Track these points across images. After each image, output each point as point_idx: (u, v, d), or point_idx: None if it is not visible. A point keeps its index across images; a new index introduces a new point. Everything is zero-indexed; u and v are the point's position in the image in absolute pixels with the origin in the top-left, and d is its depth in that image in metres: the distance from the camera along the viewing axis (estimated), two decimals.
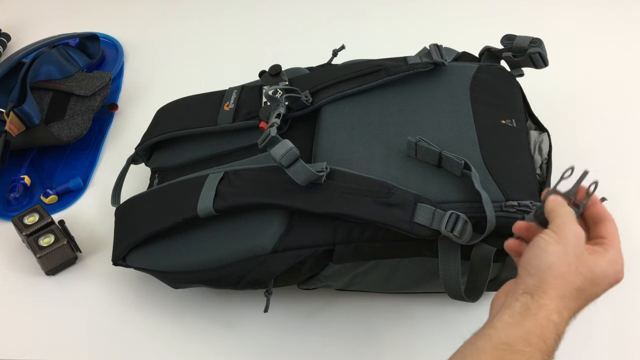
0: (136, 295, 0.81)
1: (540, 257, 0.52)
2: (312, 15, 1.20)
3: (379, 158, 0.71)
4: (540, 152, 0.72)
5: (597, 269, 0.52)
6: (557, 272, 0.51)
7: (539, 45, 0.78)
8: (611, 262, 0.53)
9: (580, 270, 0.52)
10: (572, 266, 0.52)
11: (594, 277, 0.52)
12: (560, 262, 0.51)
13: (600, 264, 0.53)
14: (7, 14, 1.23)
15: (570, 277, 0.52)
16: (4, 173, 0.94)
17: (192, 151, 0.84)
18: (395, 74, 0.78)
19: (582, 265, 0.52)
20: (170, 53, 1.14)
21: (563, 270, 0.51)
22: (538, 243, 0.53)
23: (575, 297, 0.52)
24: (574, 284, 0.52)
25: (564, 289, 0.51)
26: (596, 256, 0.53)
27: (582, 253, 0.53)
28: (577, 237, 0.53)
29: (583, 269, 0.52)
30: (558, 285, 0.51)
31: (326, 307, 0.79)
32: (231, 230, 0.71)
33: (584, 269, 0.52)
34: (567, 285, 0.51)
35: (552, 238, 0.53)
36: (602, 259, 0.53)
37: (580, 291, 0.52)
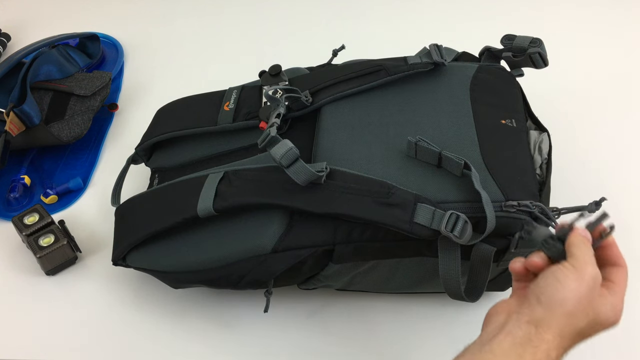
0: (136, 295, 0.81)
1: (556, 288, 0.52)
2: (312, 15, 1.20)
3: (378, 158, 0.71)
4: (540, 152, 0.72)
5: (601, 313, 0.52)
6: (567, 309, 0.51)
7: (539, 45, 0.78)
8: (613, 306, 0.53)
9: (587, 312, 0.52)
10: (581, 307, 0.51)
11: (597, 319, 0.52)
12: (573, 300, 0.51)
13: (605, 308, 0.53)
14: (7, 14, 1.23)
15: (577, 318, 0.52)
16: (4, 173, 0.94)
17: (192, 151, 0.84)
18: (395, 74, 0.78)
19: (590, 308, 0.52)
20: (170, 53, 1.14)
21: (573, 309, 0.51)
22: (556, 274, 0.52)
23: (574, 337, 0.52)
24: (577, 325, 0.52)
25: (567, 328, 0.51)
26: (603, 299, 0.53)
27: (595, 297, 0.52)
28: (595, 280, 0.52)
29: (590, 311, 0.52)
30: (563, 323, 0.51)
31: (326, 307, 0.79)
32: (231, 230, 0.71)
33: (591, 312, 0.52)
34: (572, 325, 0.51)
35: (573, 274, 0.52)
36: (607, 303, 0.53)
37: (580, 333, 0.52)
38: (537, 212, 0.64)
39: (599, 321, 0.52)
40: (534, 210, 0.64)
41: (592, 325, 0.52)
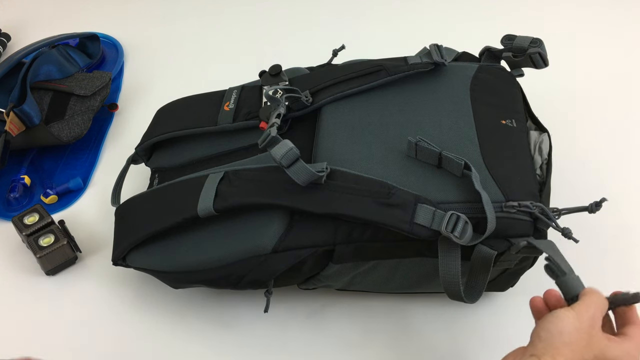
0: (136, 295, 0.81)
1: (554, 322, 0.55)
2: (312, 15, 1.20)
3: (379, 158, 0.71)
4: (540, 153, 0.72)
5: (610, 353, 0.54)
6: (567, 339, 0.53)
7: (539, 45, 0.78)
8: (628, 353, 0.55)
9: (591, 347, 0.54)
10: (583, 341, 0.54)
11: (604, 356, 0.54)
12: (572, 332, 0.54)
13: (614, 349, 0.55)
14: (7, 14, 1.23)
15: (580, 350, 0.53)
16: (4, 173, 0.94)
17: (192, 151, 0.84)
18: (395, 74, 0.78)
19: (594, 344, 0.54)
20: (170, 53, 1.14)
21: (573, 340, 0.53)
22: (555, 312, 0.56)
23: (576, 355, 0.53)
24: (582, 357, 0.53)
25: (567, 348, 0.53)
26: (612, 342, 0.55)
27: (596, 334, 0.55)
28: (593, 320, 0.55)
29: (595, 347, 0.54)
30: (565, 353, 0.53)
31: (326, 307, 0.79)
32: (231, 230, 0.70)
33: (596, 349, 0.54)
34: (575, 356, 0.53)
35: (571, 312, 0.55)
36: (618, 347, 0.55)
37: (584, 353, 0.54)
38: (538, 213, 0.64)
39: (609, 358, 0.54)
40: (534, 211, 0.64)
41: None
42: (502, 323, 0.76)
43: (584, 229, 0.68)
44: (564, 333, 0.54)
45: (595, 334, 0.55)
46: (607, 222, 0.81)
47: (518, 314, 0.66)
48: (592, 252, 0.80)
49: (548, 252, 0.61)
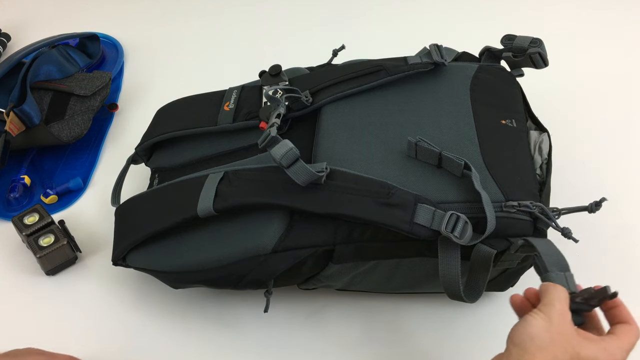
0: (136, 295, 0.81)
1: (524, 328, 0.55)
2: (312, 15, 1.20)
3: (379, 158, 0.71)
4: (540, 152, 0.72)
5: (584, 352, 0.54)
6: (539, 344, 0.53)
7: (539, 45, 0.78)
8: (606, 351, 0.54)
9: (565, 348, 0.53)
10: (555, 342, 0.53)
11: (579, 356, 0.53)
12: (543, 335, 0.53)
13: (590, 348, 0.54)
14: (7, 14, 1.23)
15: (553, 351, 0.53)
16: (4, 173, 0.94)
17: (192, 151, 0.84)
18: (395, 74, 0.78)
19: (567, 343, 0.54)
20: (170, 53, 1.14)
21: (545, 343, 0.53)
22: (525, 317, 0.56)
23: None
24: (557, 358, 0.53)
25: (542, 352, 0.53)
26: (588, 341, 0.55)
27: (568, 332, 0.54)
28: (561, 316, 0.55)
29: (568, 346, 0.53)
30: (540, 357, 0.53)
31: (326, 307, 0.79)
32: (231, 231, 0.70)
33: (570, 348, 0.53)
34: (551, 358, 0.53)
35: (539, 314, 0.55)
36: (595, 345, 0.54)
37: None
38: (537, 213, 0.64)
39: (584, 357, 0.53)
40: (534, 211, 0.64)
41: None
42: (502, 323, 0.75)
43: (584, 229, 0.69)
44: (535, 337, 0.54)
45: (568, 331, 0.54)
46: (607, 222, 0.81)
47: None
48: (592, 252, 0.80)
49: (541, 249, 0.61)
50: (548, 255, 0.61)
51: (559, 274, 0.59)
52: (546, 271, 0.60)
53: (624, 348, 0.55)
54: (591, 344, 0.54)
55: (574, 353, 0.53)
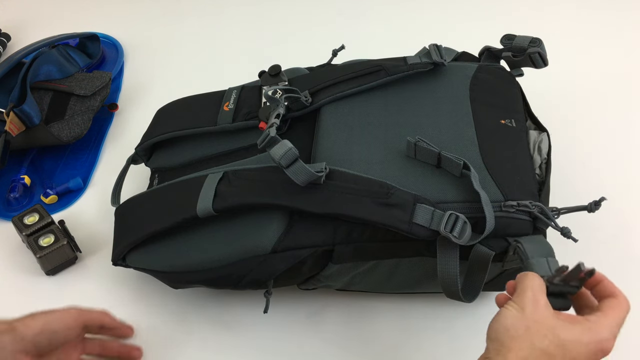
0: (136, 295, 0.81)
1: (498, 321, 0.54)
2: (312, 15, 1.20)
3: (378, 158, 0.71)
4: (540, 152, 0.72)
5: (564, 334, 0.52)
6: (514, 334, 0.52)
7: (539, 45, 0.78)
8: (591, 330, 0.53)
9: (543, 334, 0.52)
10: (531, 329, 0.52)
11: (562, 342, 0.52)
12: (517, 325, 0.52)
13: (571, 330, 0.52)
14: (7, 14, 1.23)
15: (530, 339, 0.52)
16: (4, 173, 0.95)
17: (192, 151, 0.84)
18: (394, 74, 0.78)
19: (545, 329, 0.52)
20: (170, 53, 1.14)
21: (520, 332, 0.52)
22: (500, 311, 0.55)
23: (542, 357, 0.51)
24: (535, 346, 0.51)
25: (525, 351, 0.51)
26: (569, 323, 0.53)
27: (545, 318, 0.53)
28: (535, 302, 0.53)
29: (547, 332, 0.52)
30: (516, 347, 0.52)
31: (326, 307, 0.79)
32: (231, 231, 0.71)
33: (549, 333, 0.52)
34: (528, 347, 0.51)
35: (512, 305, 0.54)
36: (577, 327, 0.53)
37: (549, 355, 0.51)
38: (537, 212, 0.64)
39: (568, 343, 0.52)
40: (534, 210, 0.64)
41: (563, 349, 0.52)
42: None
43: (583, 229, 0.68)
44: (509, 328, 0.52)
45: (544, 317, 0.53)
46: (606, 222, 0.81)
47: None
48: (592, 252, 0.80)
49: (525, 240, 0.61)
50: (532, 243, 0.61)
51: (540, 259, 0.59)
52: (527, 259, 0.59)
53: (611, 324, 0.53)
54: (573, 326, 0.53)
55: (554, 337, 0.52)
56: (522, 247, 0.61)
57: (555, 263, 0.59)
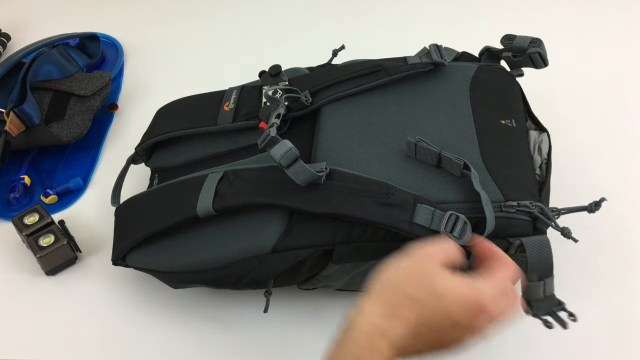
0: (136, 295, 0.81)
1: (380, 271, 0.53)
2: (312, 15, 1.20)
3: (378, 158, 0.71)
4: (540, 152, 0.72)
5: (439, 282, 0.50)
6: (381, 278, 0.52)
7: (539, 45, 0.78)
8: (471, 285, 0.51)
9: (416, 281, 0.51)
10: (401, 276, 0.51)
11: (434, 290, 0.50)
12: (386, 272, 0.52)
13: (449, 280, 0.51)
14: (7, 14, 1.23)
15: (395, 283, 0.51)
16: (4, 173, 0.94)
17: (192, 151, 0.84)
18: (395, 74, 0.78)
19: (419, 276, 0.51)
20: (170, 53, 1.14)
21: (385, 277, 0.51)
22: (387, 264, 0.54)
23: (409, 305, 0.49)
24: (400, 289, 0.50)
25: (387, 294, 0.50)
26: (448, 274, 0.51)
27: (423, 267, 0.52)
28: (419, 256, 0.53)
29: (420, 279, 0.51)
30: (378, 289, 0.51)
31: (326, 307, 0.79)
32: (231, 231, 0.71)
33: (422, 280, 0.51)
34: (391, 289, 0.50)
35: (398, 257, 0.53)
36: (455, 279, 0.51)
37: (414, 300, 0.50)
38: (537, 212, 0.64)
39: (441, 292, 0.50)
40: (534, 211, 0.64)
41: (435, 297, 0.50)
42: None
43: (584, 229, 0.68)
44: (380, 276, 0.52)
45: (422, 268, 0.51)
46: (606, 222, 0.81)
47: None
48: (592, 252, 0.80)
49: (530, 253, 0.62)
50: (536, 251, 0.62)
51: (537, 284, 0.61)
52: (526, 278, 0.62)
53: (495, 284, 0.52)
54: (452, 278, 0.51)
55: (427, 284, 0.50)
56: (526, 259, 0.62)
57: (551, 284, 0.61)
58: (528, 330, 0.66)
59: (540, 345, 0.73)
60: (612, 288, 0.78)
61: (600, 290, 0.78)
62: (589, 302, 0.76)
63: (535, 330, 0.65)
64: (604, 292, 0.78)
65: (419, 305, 0.49)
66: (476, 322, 0.50)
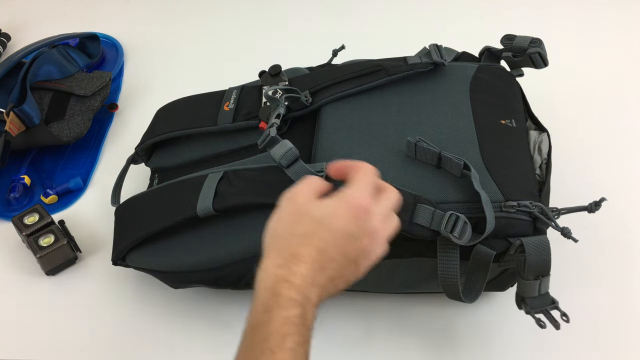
0: (136, 295, 0.81)
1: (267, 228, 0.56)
2: (312, 15, 1.20)
3: (378, 158, 0.71)
4: (540, 152, 0.72)
5: (315, 211, 0.53)
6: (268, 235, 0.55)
7: (539, 45, 0.78)
8: (341, 199, 0.53)
9: (296, 220, 0.53)
10: (282, 223, 0.54)
11: (314, 218, 0.53)
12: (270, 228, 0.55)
13: (322, 205, 0.53)
14: (7, 14, 1.23)
15: (280, 232, 0.53)
16: (4, 173, 0.94)
17: (192, 151, 0.84)
18: (395, 74, 0.78)
19: (297, 215, 0.54)
20: (170, 53, 1.14)
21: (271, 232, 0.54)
22: None
23: (300, 242, 0.52)
24: (286, 235, 0.53)
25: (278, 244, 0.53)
26: (320, 201, 0.54)
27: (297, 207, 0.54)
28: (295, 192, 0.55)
29: (300, 217, 0.53)
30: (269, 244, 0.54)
31: (326, 307, 0.79)
32: (231, 231, 0.71)
33: (301, 217, 0.53)
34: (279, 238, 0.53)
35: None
36: (328, 201, 0.54)
37: (303, 236, 0.52)
38: (537, 212, 0.64)
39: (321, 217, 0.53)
40: (534, 211, 0.64)
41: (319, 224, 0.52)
42: (502, 323, 0.76)
43: (584, 229, 0.68)
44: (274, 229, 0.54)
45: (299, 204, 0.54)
46: (606, 222, 0.81)
47: (518, 313, 0.66)
48: (592, 252, 0.80)
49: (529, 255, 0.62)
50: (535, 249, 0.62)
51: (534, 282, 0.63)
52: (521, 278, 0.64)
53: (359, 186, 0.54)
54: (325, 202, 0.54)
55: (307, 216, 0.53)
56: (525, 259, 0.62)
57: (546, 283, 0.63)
58: (528, 330, 0.66)
59: (540, 344, 0.73)
60: (612, 288, 0.78)
61: (600, 290, 0.78)
62: (589, 302, 0.76)
63: (535, 329, 0.65)
64: (604, 292, 0.78)
65: (308, 238, 0.52)
66: (365, 224, 0.53)
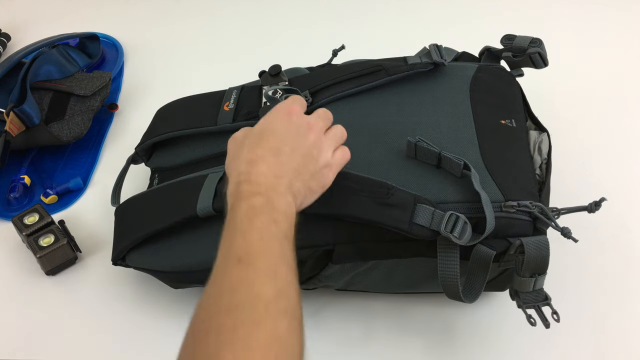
0: (136, 295, 0.81)
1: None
2: (312, 15, 1.20)
3: (378, 158, 0.71)
4: (540, 152, 0.72)
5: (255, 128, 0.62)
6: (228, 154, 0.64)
7: (539, 45, 0.78)
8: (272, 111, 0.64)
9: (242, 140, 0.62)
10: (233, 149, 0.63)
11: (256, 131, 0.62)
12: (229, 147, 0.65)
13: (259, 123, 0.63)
14: (7, 14, 1.23)
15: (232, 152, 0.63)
16: (4, 173, 0.94)
17: (192, 151, 0.84)
18: (394, 74, 0.78)
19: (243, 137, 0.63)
20: (170, 53, 1.14)
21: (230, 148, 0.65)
22: None
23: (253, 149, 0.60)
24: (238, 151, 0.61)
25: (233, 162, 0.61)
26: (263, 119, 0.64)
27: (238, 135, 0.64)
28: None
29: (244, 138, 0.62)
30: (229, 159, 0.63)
31: (326, 307, 0.79)
32: None
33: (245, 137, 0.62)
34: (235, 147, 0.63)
35: None
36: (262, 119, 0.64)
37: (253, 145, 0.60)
38: (537, 212, 0.64)
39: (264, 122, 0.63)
40: (534, 211, 0.64)
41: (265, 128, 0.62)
42: (502, 323, 0.76)
43: (584, 229, 0.68)
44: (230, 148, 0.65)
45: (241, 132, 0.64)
46: (606, 222, 0.81)
47: (518, 313, 0.66)
48: (592, 252, 0.80)
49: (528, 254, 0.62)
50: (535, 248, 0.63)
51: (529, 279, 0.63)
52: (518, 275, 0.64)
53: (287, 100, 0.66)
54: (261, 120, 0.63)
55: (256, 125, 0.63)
56: (522, 260, 0.62)
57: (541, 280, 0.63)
58: (528, 330, 0.66)
59: (540, 344, 0.73)
60: (612, 288, 0.78)
61: (600, 290, 0.78)
62: (589, 302, 0.76)
63: (535, 329, 0.65)
64: (603, 292, 0.78)
65: (257, 145, 0.60)
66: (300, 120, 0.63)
